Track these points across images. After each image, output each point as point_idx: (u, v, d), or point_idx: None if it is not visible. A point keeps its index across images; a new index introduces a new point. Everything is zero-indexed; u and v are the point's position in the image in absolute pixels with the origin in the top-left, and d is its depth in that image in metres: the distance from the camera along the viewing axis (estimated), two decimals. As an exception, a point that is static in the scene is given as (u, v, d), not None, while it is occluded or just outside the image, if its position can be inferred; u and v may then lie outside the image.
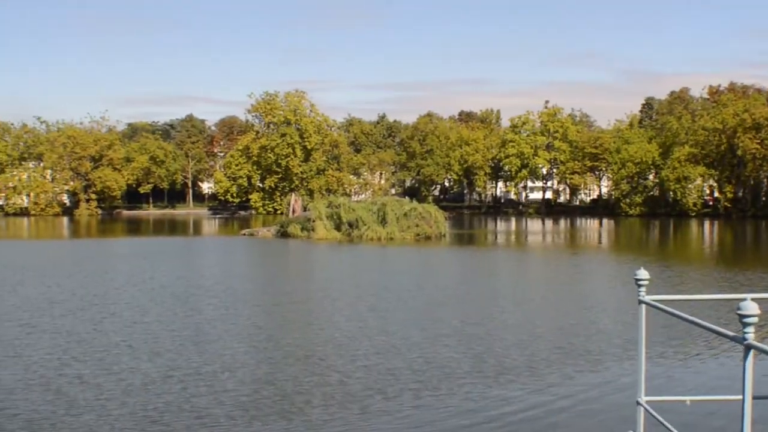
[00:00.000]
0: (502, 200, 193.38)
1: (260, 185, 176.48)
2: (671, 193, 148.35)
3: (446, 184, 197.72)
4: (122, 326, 25.35)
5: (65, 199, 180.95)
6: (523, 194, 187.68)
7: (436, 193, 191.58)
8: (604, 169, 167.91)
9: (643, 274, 7.02)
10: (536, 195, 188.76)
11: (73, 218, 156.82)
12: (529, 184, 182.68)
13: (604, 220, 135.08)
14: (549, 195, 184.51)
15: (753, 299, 5.17)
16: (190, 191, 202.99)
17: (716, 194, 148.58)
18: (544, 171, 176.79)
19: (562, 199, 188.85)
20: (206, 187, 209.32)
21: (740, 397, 5.13)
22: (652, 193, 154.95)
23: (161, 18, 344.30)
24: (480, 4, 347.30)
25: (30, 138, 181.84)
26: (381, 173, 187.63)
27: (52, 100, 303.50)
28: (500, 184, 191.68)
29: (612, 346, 22.29)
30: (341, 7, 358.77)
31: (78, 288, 35.86)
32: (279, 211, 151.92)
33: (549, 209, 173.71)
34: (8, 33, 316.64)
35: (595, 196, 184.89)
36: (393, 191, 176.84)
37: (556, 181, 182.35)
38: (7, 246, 74.21)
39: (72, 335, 23.76)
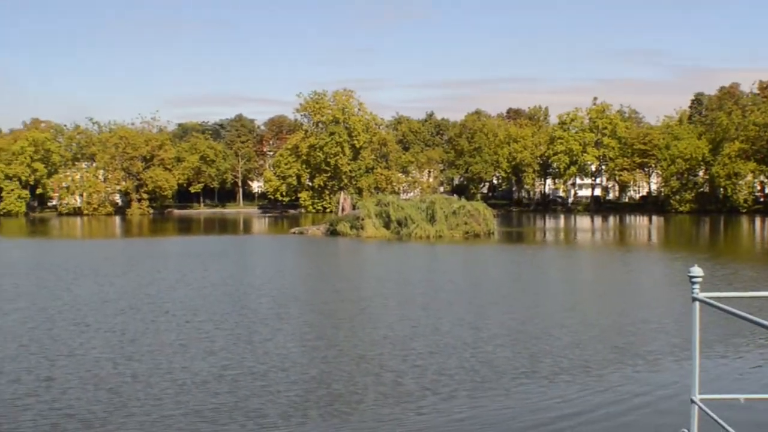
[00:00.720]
0: (551, 197, 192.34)
1: (309, 184, 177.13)
2: (721, 189, 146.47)
3: (494, 181, 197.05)
4: (175, 325, 25.45)
5: (117, 198, 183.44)
6: (572, 191, 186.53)
7: (485, 190, 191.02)
8: (653, 165, 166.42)
9: (696, 271, 6.94)
10: (585, 192, 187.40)
11: (125, 218, 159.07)
12: (578, 181, 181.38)
13: (654, 217, 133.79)
14: (598, 192, 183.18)
15: None
16: (240, 190, 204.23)
17: (767, 190, 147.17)
18: (593, 168, 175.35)
19: (611, 196, 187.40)
20: (256, 186, 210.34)
21: None
22: (702, 189, 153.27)
23: (211, 19, 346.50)
24: (528, 2, 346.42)
25: (83, 139, 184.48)
26: (429, 171, 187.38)
27: (104, 101, 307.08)
28: (549, 181, 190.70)
29: (666, 344, 21.97)
30: (389, 7, 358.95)
31: (131, 287, 36.13)
32: (328, 210, 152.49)
33: (598, 206, 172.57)
34: (61, 36, 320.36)
35: (645, 193, 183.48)
36: (441, 189, 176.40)
37: (605, 178, 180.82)
38: (60, 245, 75.41)
39: (125, 334, 23.86)
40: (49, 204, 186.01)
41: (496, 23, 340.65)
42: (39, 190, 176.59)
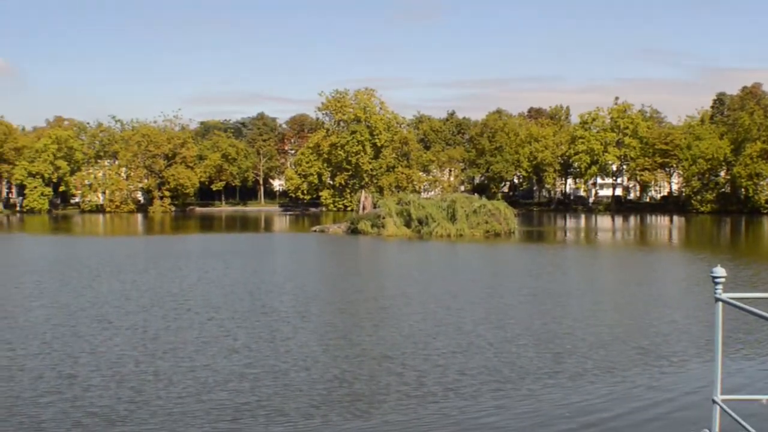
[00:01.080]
0: (572, 197, 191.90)
1: (330, 182, 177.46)
2: (743, 189, 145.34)
3: (515, 180, 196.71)
4: (197, 323, 25.48)
5: (139, 196, 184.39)
6: (593, 191, 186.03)
7: (505, 189, 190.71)
8: (674, 165, 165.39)
9: (719, 271, 6.96)
10: (606, 192, 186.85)
11: (147, 215, 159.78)
12: (599, 180, 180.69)
13: (675, 217, 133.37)
14: (619, 192, 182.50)
15: None
16: (262, 188, 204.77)
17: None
18: (614, 167, 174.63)
19: (632, 195, 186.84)
20: (277, 184, 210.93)
21: None
22: (723, 189, 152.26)
23: (233, 18, 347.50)
24: (548, 1, 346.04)
25: (105, 137, 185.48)
26: (450, 170, 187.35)
27: (126, 100, 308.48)
28: (569, 180, 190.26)
29: (691, 345, 21.90)
30: (411, 6, 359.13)
31: (153, 284, 36.25)
32: (349, 208, 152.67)
33: (619, 206, 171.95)
34: (83, 34, 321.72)
35: (666, 193, 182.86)
36: (462, 188, 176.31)
37: (626, 178, 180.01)
38: (83, 243, 75.85)
39: (147, 331, 23.92)
40: (72, 201, 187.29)
41: (517, 22, 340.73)
42: (62, 188, 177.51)
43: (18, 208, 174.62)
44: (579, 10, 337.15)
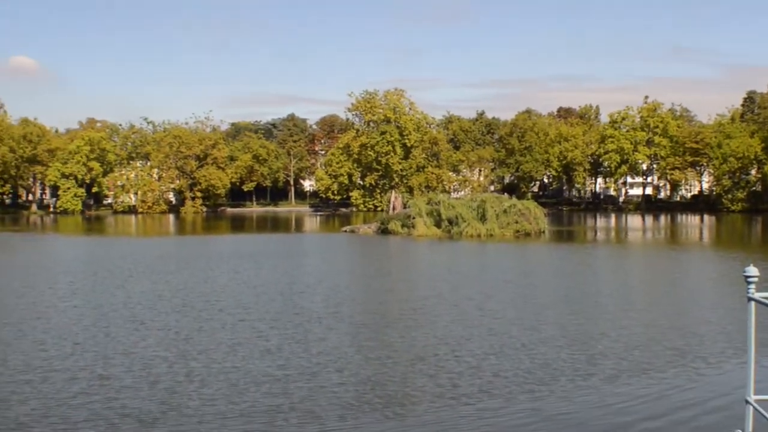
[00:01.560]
0: (602, 196, 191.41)
1: (360, 183, 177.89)
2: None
3: (545, 180, 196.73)
4: (229, 324, 25.48)
5: (171, 197, 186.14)
6: (623, 190, 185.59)
7: (535, 189, 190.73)
8: (705, 164, 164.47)
9: (752, 270, 6.95)
10: (636, 191, 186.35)
11: (178, 216, 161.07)
12: (629, 179, 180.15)
13: (705, 216, 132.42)
14: (649, 191, 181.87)
15: None
16: (292, 189, 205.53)
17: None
18: (644, 166, 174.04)
19: (662, 194, 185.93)
20: (308, 184, 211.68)
21: None
22: (754, 188, 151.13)
23: (264, 20, 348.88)
24: (577, 0, 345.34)
25: (137, 138, 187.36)
26: (480, 170, 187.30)
27: (158, 101, 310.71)
28: (599, 180, 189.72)
29: (727, 346, 21.67)
30: (439, 7, 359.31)
31: (184, 285, 36.39)
32: (379, 208, 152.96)
33: (649, 205, 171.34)
34: (115, 36, 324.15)
35: (696, 192, 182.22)
36: (492, 188, 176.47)
37: (656, 177, 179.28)
38: (115, 243, 76.65)
39: (179, 332, 23.96)
40: (105, 202, 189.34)
41: (546, 22, 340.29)
42: (95, 189, 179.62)
43: (52, 209, 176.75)
44: (607, 9, 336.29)
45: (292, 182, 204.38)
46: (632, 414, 15.60)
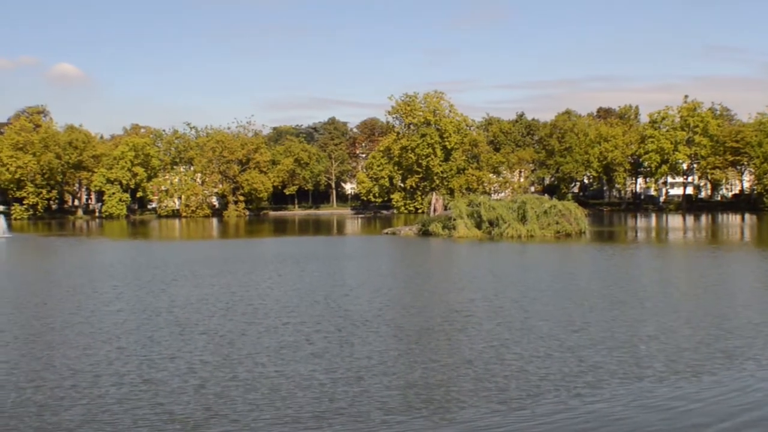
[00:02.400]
0: (642, 196, 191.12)
1: (401, 185, 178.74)
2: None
3: (585, 181, 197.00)
4: (273, 327, 25.37)
5: (214, 201, 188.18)
6: (663, 190, 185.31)
7: (575, 190, 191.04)
8: (746, 163, 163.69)
9: None
10: (676, 191, 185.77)
11: (221, 219, 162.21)
12: (669, 179, 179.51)
13: (747, 216, 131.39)
14: (690, 190, 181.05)
15: None
16: (334, 192, 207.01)
17: None
18: (685, 166, 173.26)
19: (702, 194, 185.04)
20: (349, 187, 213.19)
21: None
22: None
23: (304, 25, 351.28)
24: (615, 1, 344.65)
25: (180, 143, 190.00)
26: (520, 171, 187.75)
27: (200, 107, 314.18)
28: (640, 180, 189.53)
29: None
30: (479, 9, 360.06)
31: (228, 288, 36.35)
32: (420, 210, 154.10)
33: (690, 205, 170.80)
34: (156, 44, 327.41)
35: (737, 191, 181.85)
36: (532, 189, 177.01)
37: (696, 177, 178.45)
38: (160, 247, 77.46)
39: (224, 336, 23.86)
40: (149, 207, 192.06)
41: (585, 22, 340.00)
42: (139, 194, 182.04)
43: (97, 214, 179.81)
44: (646, 8, 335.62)
45: (333, 185, 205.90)
46: (691, 418, 15.36)
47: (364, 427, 14.89)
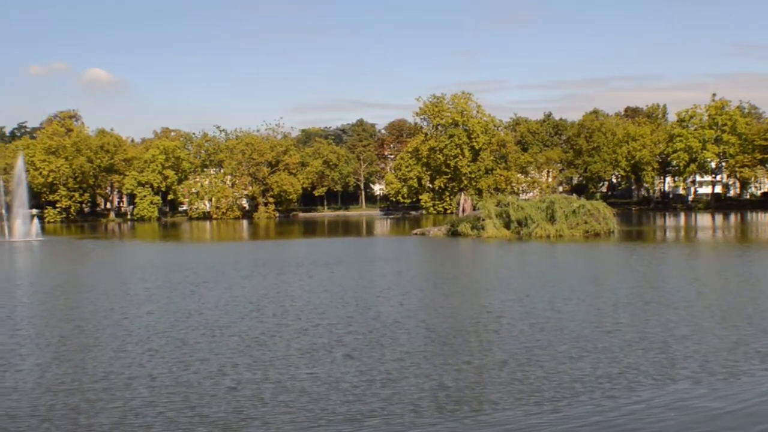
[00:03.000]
0: (671, 195, 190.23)
1: (430, 186, 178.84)
2: None
3: (613, 180, 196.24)
4: (303, 328, 25.27)
5: (244, 203, 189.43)
6: (692, 189, 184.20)
7: (604, 189, 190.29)
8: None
9: None
10: (705, 189, 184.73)
11: (252, 221, 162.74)
12: (698, 178, 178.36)
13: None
14: (718, 189, 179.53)
15: None
16: (363, 193, 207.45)
17: None
18: (713, 165, 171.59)
19: (731, 193, 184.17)
20: (378, 188, 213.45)
21: None
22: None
23: (331, 28, 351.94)
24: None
25: (210, 146, 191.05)
26: (548, 171, 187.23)
27: (230, 110, 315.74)
28: (668, 179, 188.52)
29: None
30: (505, 10, 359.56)
31: (259, 290, 36.33)
32: (449, 211, 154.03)
33: (718, 204, 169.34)
34: (185, 48, 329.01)
35: (766, 189, 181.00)
36: (560, 189, 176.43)
37: (725, 175, 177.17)
38: (191, 249, 77.95)
39: (255, 338, 23.83)
40: (180, 209, 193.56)
41: (611, 22, 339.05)
42: (170, 196, 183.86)
43: (129, 217, 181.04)
44: (670, 7, 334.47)
45: (362, 186, 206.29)
46: (730, 420, 15.13)
47: (396, 429, 14.83)
